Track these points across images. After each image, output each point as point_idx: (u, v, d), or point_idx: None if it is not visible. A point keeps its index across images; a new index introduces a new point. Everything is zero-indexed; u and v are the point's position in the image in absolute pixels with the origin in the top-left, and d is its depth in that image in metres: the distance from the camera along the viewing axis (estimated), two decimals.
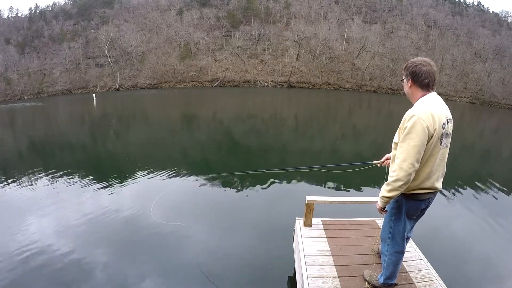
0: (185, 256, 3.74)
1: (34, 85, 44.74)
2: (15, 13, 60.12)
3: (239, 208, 5.34)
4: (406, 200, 1.96)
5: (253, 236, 4.30)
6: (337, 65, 47.83)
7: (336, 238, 2.99)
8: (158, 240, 4.10)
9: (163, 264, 3.58)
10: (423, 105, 1.80)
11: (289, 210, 4.58)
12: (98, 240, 4.12)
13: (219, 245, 4.03)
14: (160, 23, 53.92)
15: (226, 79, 47.35)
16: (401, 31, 51.41)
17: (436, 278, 2.40)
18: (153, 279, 3.34)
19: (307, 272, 2.46)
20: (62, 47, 48.72)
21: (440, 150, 1.85)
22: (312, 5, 55.38)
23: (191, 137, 12.36)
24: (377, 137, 12.67)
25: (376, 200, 2.04)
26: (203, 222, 4.69)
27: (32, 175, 6.81)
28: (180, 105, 24.78)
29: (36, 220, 4.66)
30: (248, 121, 16.42)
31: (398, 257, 2.14)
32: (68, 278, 3.32)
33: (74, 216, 4.78)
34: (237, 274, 3.45)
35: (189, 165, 8.17)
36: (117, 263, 3.63)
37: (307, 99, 30.80)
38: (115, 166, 8.13)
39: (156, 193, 5.27)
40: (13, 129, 16.10)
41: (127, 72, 48.04)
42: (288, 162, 8.38)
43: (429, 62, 1.85)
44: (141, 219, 4.67)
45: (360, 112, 23.84)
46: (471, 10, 60.54)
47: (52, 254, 3.75)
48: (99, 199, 5.49)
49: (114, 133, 13.48)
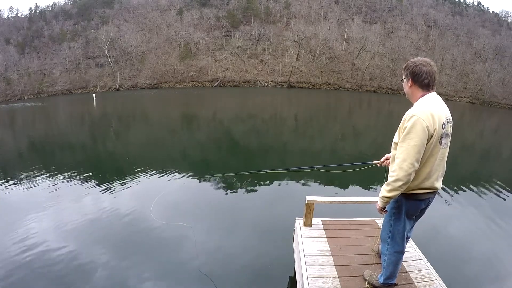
0: (185, 256, 3.74)
1: (34, 85, 44.77)
2: (15, 13, 60.32)
3: (239, 208, 5.34)
4: (406, 200, 1.96)
5: (253, 236, 4.30)
6: (337, 65, 47.86)
7: (336, 238, 2.99)
8: (158, 240, 4.10)
9: (163, 264, 3.58)
10: (423, 105, 1.80)
11: (289, 210, 4.58)
12: (98, 239, 4.12)
13: (219, 245, 4.03)
14: (160, 23, 53.97)
15: (226, 79, 47.37)
16: (401, 31, 51.45)
17: (436, 278, 2.40)
18: (152, 279, 3.34)
19: (307, 272, 2.46)
20: (62, 47, 48.77)
21: (439, 150, 1.85)
22: (312, 5, 55.43)
23: (191, 137, 12.36)
24: (377, 137, 12.67)
25: (376, 200, 2.04)
26: (203, 222, 4.69)
27: (32, 175, 6.80)
28: (180, 105, 24.79)
29: (36, 220, 4.65)
30: (248, 121, 16.42)
31: (398, 257, 2.14)
32: (68, 278, 3.32)
33: (74, 216, 4.78)
34: (237, 274, 3.45)
35: (189, 165, 8.17)
36: (117, 263, 3.63)
37: (307, 99, 30.80)
38: (115, 166, 8.14)
39: (156, 193, 5.27)
40: (13, 129, 16.09)
41: (127, 72, 48.07)
42: (288, 162, 8.38)
43: (429, 62, 1.85)
44: (141, 219, 4.67)
45: (360, 112, 23.84)
46: (471, 10, 60.61)
47: (52, 254, 3.75)
48: (99, 199, 5.49)
49: (114, 133, 13.47)
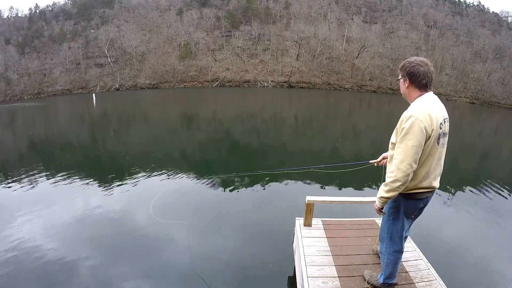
0: (184, 255, 3.73)
1: (34, 85, 44.72)
2: (15, 13, 60.29)
3: (239, 208, 5.34)
4: (404, 199, 1.96)
5: (253, 236, 4.31)
6: (337, 65, 47.86)
7: (336, 238, 2.99)
8: (157, 239, 4.10)
9: (162, 264, 3.58)
10: (421, 106, 1.80)
11: (289, 210, 4.58)
12: (96, 238, 4.12)
13: (219, 244, 4.03)
14: (160, 23, 53.95)
15: (226, 79, 47.35)
16: (401, 31, 51.43)
17: (436, 278, 2.40)
18: (152, 278, 3.34)
19: (307, 272, 2.47)
20: (62, 47, 48.74)
21: (437, 149, 1.85)
22: (312, 5, 55.42)
23: (191, 137, 12.37)
24: (377, 137, 12.66)
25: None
26: (203, 222, 4.69)
27: (31, 175, 6.80)
28: (180, 105, 24.79)
29: (36, 219, 4.65)
30: (247, 121, 16.42)
31: (397, 257, 2.14)
32: (68, 278, 3.32)
33: (74, 215, 4.78)
34: (237, 274, 3.46)
35: (189, 165, 8.17)
36: (116, 263, 3.63)
37: (307, 99, 30.79)
38: (115, 166, 8.13)
39: (156, 193, 5.25)
40: (13, 129, 16.09)
41: (127, 72, 48.04)
42: (287, 162, 8.38)
43: (426, 62, 1.85)
44: (141, 219, 4.68)
45: (360, 112, 23.84)
46: (471, 10, 60.59)
47: (52, 254, 3.75)
48: (99, 198, 5.49)
49: (114, 133, 13.47)
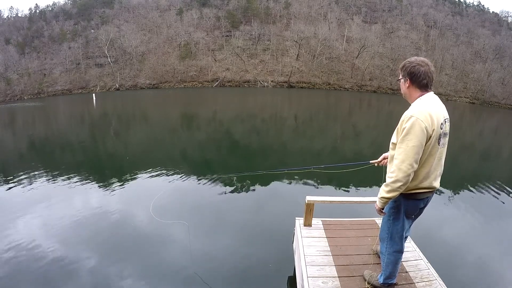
0: (184, 255, 3.73)
1: (34, 85, 44.71)
2: (15, 13, 60.36)
3: (239, 208, 5.33)
4: (405, 199, 1.96)
5: (253, 235, 4.31)
6: (337, 65, 47.86)
7: (336, 238, 2.99)
8: (158, 239, 4.10)
9: (162, 264, 3.58)
10: (421, 106, 1.79)
11: (289, 210, 4.58)
12: (96, 238, 4.12)
13: (219, 244, 4.03)
14: (160, 23, 53.95)
15: (226, 79, 47.35)
16: (401, 31, 51.44)
17: (436, 278, 2.40)
18: (152, 278, 3.33)
19: (307, 272, 2.46)
20: (62, 47, 48.73)
21: (438, 150, 1.85)
22: (312, 5, 55.42)
23: (191, 137, 12.37)
24: (377, 137, 12.66)
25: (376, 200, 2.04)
26: (203, 222, 4.69)
27: (31, 175, 6.79)
28: (180, 105, 24.78)
29: (36, 220, 4.65)
30: (248, 121, 16.42)
31: (397, 257, 2.14)
32: (68, 278, 3.32)
33: (74, 215, 4.78)
34: (237, 274, 3.45)
35: (189, 165, 8.17)
36: (116, 263, 3.63)
37: (307, 99, 30.79)
38: (115, 166, 8.13)
39: (156, 193, 5.23)
40: (13, 129, 16.08)
41: (127, 72, 48.04)
42: (287, 162, 8.37)
43: (427, 62, 1.84)
44: (141, 219, 4.68)
45: (360, 112, 23.84)
46: (471, 10, 60.62)
47: (52, 254, 3.74)
48: (99, 198, 5.49)
49: (114, 133, 13.47)
